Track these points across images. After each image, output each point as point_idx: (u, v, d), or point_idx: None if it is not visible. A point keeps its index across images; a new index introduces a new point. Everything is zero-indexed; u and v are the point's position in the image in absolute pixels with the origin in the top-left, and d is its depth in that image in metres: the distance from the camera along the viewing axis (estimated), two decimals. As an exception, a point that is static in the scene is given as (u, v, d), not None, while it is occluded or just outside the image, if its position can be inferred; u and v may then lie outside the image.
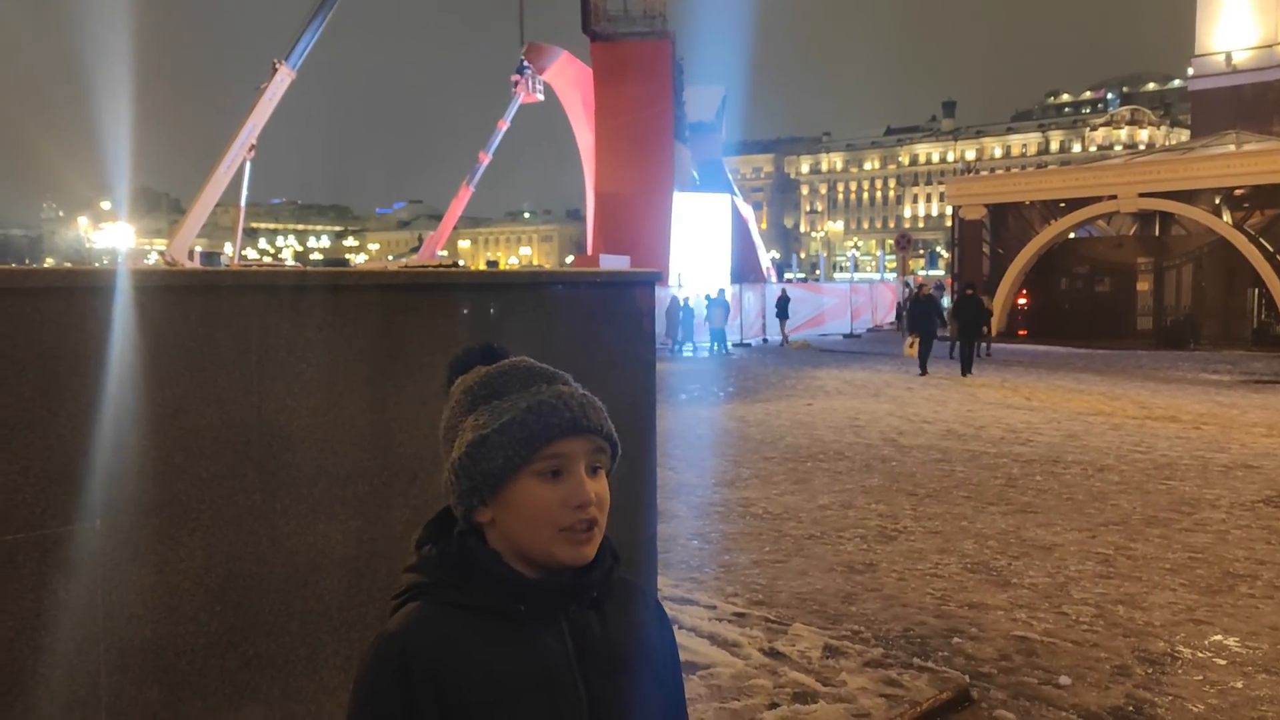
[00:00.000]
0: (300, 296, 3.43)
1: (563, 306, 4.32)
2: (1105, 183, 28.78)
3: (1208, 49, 36.39)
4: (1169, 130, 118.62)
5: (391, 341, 3.67)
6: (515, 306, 4.13)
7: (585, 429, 1.26)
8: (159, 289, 3.11)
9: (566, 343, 4.33)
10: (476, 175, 50.34)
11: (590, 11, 36.74)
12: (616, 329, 4.57)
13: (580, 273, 4.42)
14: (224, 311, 3.23)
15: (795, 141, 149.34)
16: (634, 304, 4.67)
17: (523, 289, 4.15)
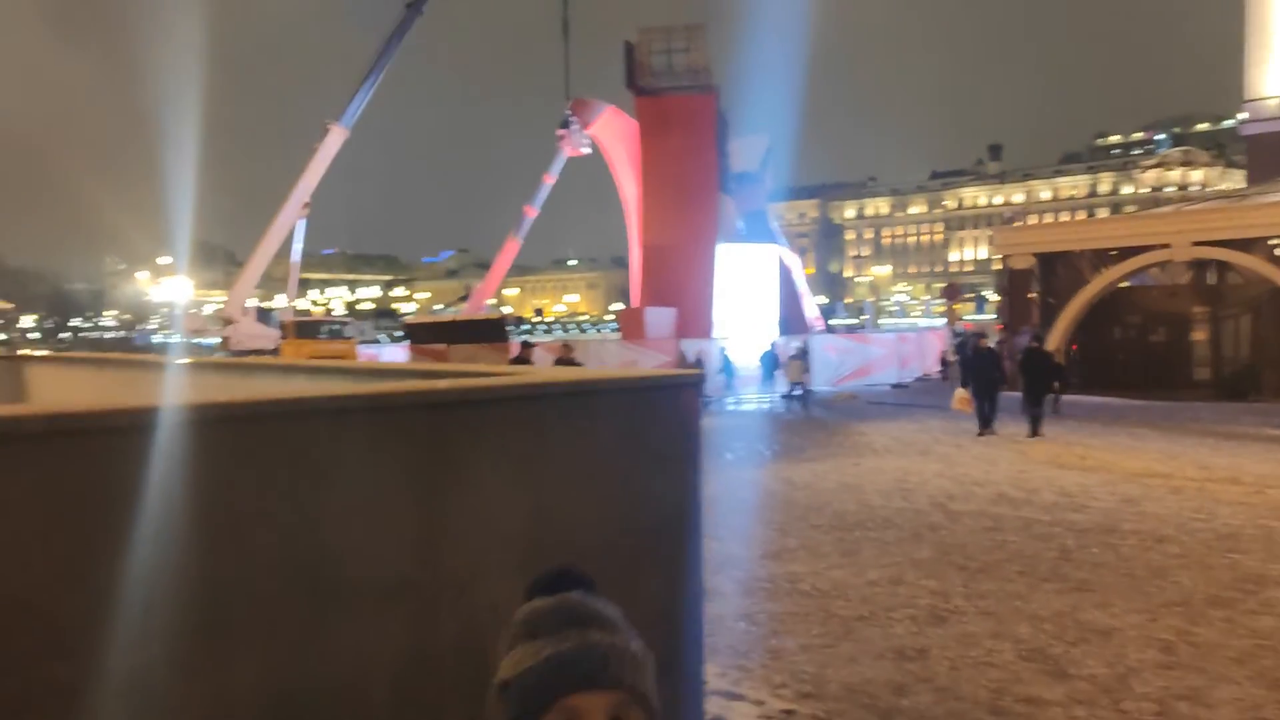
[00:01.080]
0: (354, 417, 3.48)
1: (608, 410, 4.34)
2: (1157, 231, 28.39)
3: (1259, 93, 35.94)
4: (1223, 171, 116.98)
5: (441, 456, 3.70)
6: (562, 413, 4.16)
7: (604, 684, 1.23)
8: (220, 421, 3.17)
9: (612, 446, 4.35)
10: (523, 229, 50.89)
11: (635, 67, 37.18)
12: (661, 429, 4.57)
13: (625, 377, 4.45)
14: (282, 437, 3.29)
15: (840, 187, 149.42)
16: (678, 404, 4.67)
17: (569, 397, 4.18)
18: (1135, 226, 30.69)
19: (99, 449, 2.88)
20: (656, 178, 36.87)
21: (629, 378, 4.51)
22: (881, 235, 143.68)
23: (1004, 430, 19.30)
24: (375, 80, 39.38)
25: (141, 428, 3.00)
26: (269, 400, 3.31)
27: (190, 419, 3.09)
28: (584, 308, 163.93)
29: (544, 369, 5.08)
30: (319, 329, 35.63)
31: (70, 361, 10.16)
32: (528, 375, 4.31)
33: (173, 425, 3.04)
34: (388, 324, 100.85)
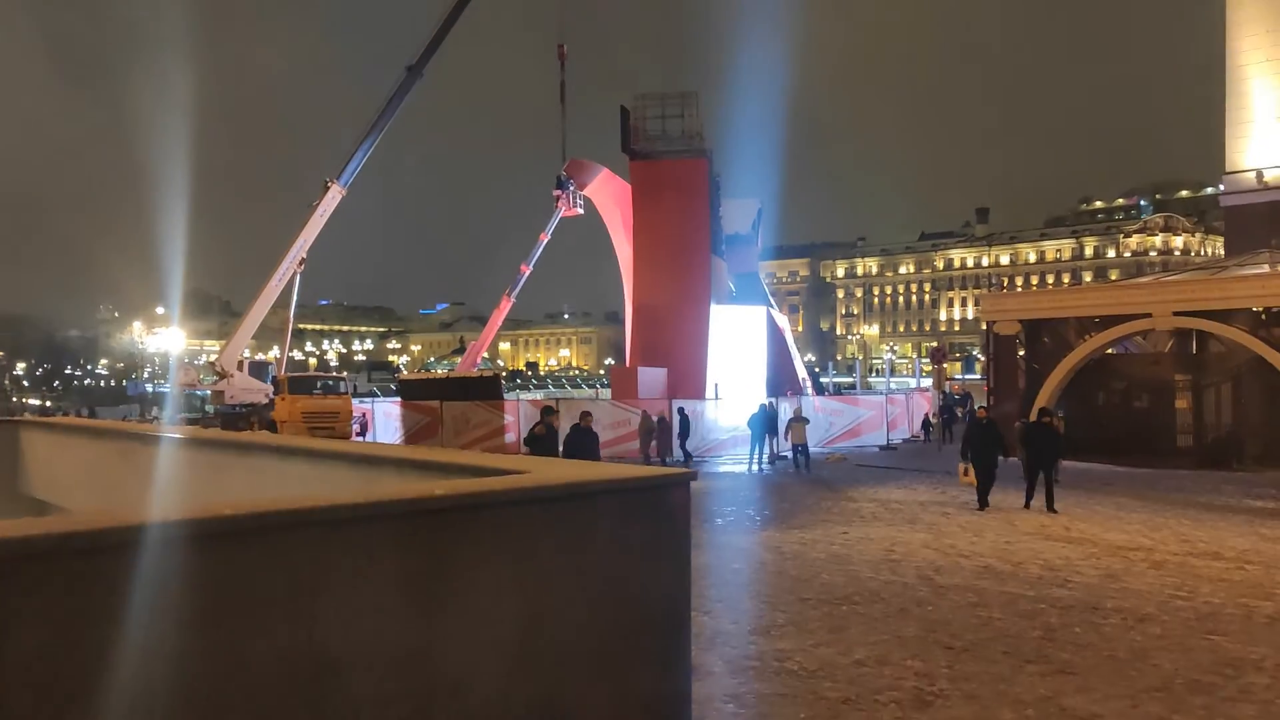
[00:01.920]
0: (353, 526, 3.62)
1: (600, 511, 4.48)
2: (1139, 301, 28.83)
3: (1238, 165, 36.70)
4: (1204, 237, 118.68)
5: (436, 562, 3.83)
6: (555, 516, 4.30)
7: None
8: (219, 535, 3.30)
9: (604, 546, 4.48)
10: (518, 286, 51.36)
11: (630, 131, 37.81)
12: (653, 528, 4.71)
13: (617, 478, 4.60)
14: (279, 548, 3.41)
15: (831, 246, 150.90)
16: (669, 503, 4.82)
17: (561, 500, 4.32)
18: (1117, 295, 31.14)
19: (98, 566, 2.99)
20: (650, 239, 37.34)
21: (621, 478, 4.64)
22: (871, 294, 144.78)
23: (1001, 502, 18.85)
24: (374, 140, 39.91)
25: (141, 543, 3.12)
26: (268, 512, 3.43)
27: (190, 533, 3.21)
28: (577, 362, 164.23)
29: (539, 465, 5.24)
30: (314, 384, 35.69)
31: (66, 430, 10.25)
32: (522, 479, 4.45)
33: (173, 540, 3.16)
34: (382, 376, 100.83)
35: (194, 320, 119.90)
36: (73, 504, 8.75)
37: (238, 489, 6.61)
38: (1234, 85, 36.85)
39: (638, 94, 38.52)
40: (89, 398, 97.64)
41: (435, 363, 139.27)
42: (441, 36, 41.30)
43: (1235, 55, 36.92)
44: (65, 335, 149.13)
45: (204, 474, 7.18)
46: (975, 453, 18.88)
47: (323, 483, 5.91)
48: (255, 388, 37.46)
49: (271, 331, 55.38)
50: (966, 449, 19.36)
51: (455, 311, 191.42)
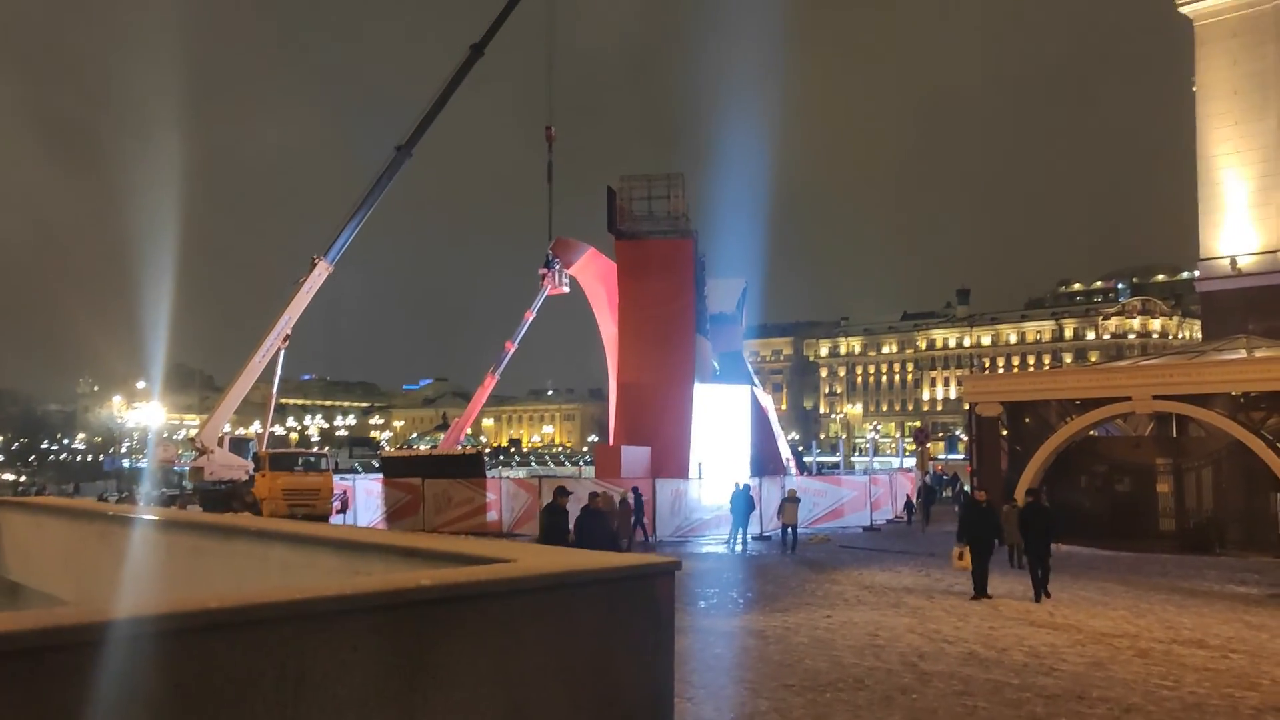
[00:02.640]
0: (339, 619, 3.62)
1: (586, 602, 4.48)
2: (1119, 384, 29.12)
3: (1213, 252, 37.42)
4: (1181, 320, 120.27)
5: (421, 652, 3.82)
6: (541, 606, 4.30)
7: None
8: (202, 629, 3.29)
9: (588, 638, 4.47)
10: (502, 364, 51.42)
11: (616, 212, 38.26)
12: (636, 619, 4.71)
13: (601, 568, 4.61)
14: (264, 641, 3.41)
15: (814, 325, 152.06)
16: (654, 594, 4.82)
17: (546, 591, 4.32)
18: (1097, 379, 31.46)
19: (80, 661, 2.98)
20: (635, 318, 37.54)
21: (605, 568, 4.66)
22: (854, 373, 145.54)
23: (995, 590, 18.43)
24: (362, 218, 40.27)
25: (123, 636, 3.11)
26: (254, 605, 3.43)
27: (174, 627, 3.21)
28: (561, 439, 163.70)
29: (525, 553, 5.24)
30: (295, 460, 35.43)
31: (43, 511, 10.16)
32: (508, 568, 4.46)
33: (155, 633, 3.15)
34: (363, 452, 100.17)
35: (175, 395, 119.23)
36: (49, 588, 8.65)
37: (218, 575, 6.56)
38: (1205, 175, 37.77)
39: (624, 175, 39.07)
40: (66, 473, 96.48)
41: (418, 439, 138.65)
42: (432, 117, 41.96)
43: (1206, 146, 37.91)
44: (44, 409, 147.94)
45: (184, 559, 7.13)
46: (971, 536, 18.19)
47: (306, 569, 5.88)
48: (235, 464, 37.15)
49: (253, 406, 55.15)
50: (962, 532, 18.63)
51: (439, 387, 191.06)
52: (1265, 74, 36.58)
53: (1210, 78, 38.04)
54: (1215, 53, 37.86)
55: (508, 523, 33.34)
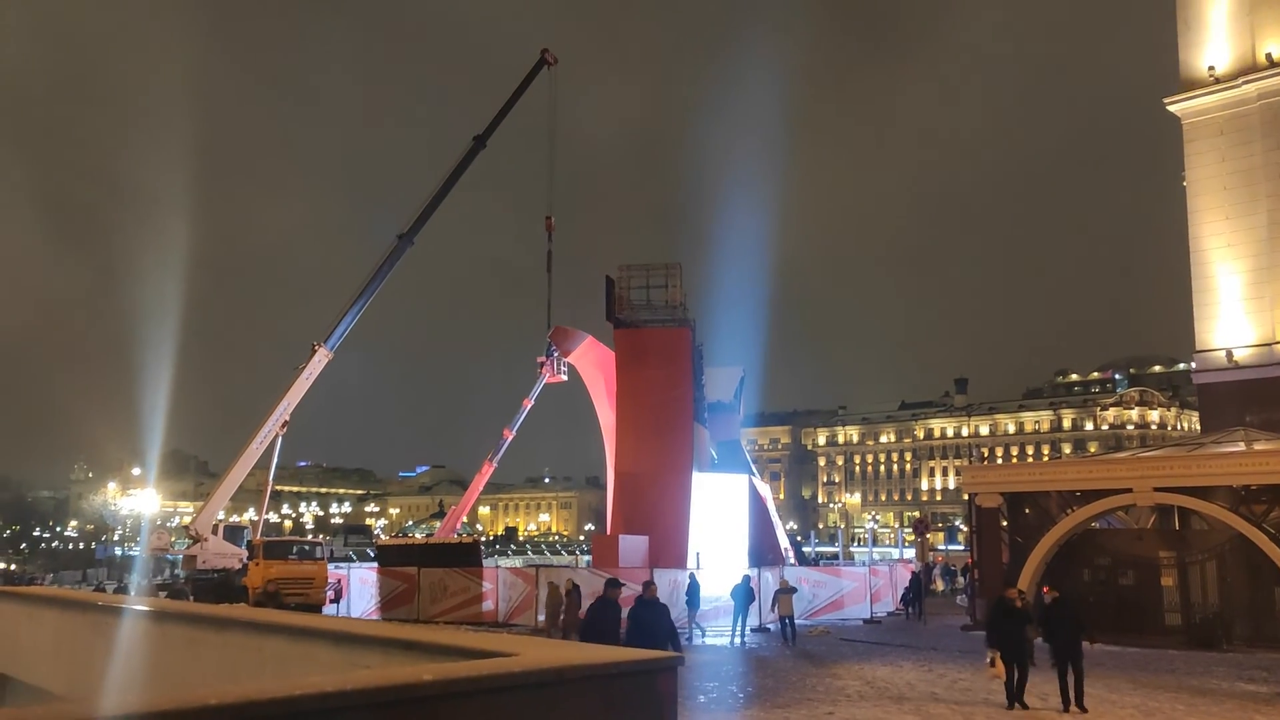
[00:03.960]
0: (339, 716, 3.56)
1: (588, 697, 4.42)
2: (1119, 476, 29.00)
3: (1208, 345, 37.66)
4: (1179, 412, 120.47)
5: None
6: (543, 701, 4.23)
7: None
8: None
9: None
10: (500, 451, 51.35)
11: (614, 301, 38.60)
12: (640, 714, 4.64)
13: (603, 662, 4.56)
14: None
15: (812, 414, 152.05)
16: (655, 689, 4.76)
17: (549, 686, 4.27)
18: (1098, 470, 31.35)
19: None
20: (632, 407, 37.58)
21: (607, 662, 4.60)
22: (853, 462, 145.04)
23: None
24: (363, 305, 40.60)
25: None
26: (255, 701, 3.38)
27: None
28: (557, 527, 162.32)
29: (527, 647, 5.20)
30: (289, 549, 35.09)
31: (32, 600, 10.03)
32: (509, 662, 4.40)
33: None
34: (358, 540, 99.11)
35: (169, 481, 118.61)
36: (37, 680, 8.49)
37: (213, 668, 6.46)
38: (1199, 268, 38.23)
39: (622, 264, 39.57)
40: (56, 560, 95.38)
41: (413, 526, 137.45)
42: (434, 206, 42.62)
43: (1198, 240, 38.45)
44: (36, 495, 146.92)
45: (178, 650, 7.03)
46: (1003, 640, 16.01)
47: (302, 662, 5.80)
48: (229, 552, 36.79)
49: (249, 494, 54.82)
50: (992, 636, 16.40)
51: (435, 474, 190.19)
52: (1253, 170, 37.29)
53: (1200, 174, 38.76)
54: (1204, 149, 38.65)
55: (504, 612, 32.87)
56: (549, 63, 46.02)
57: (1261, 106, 37.36)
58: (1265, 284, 36.59)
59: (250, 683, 5.67)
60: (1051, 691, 16.43)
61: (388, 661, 5.32)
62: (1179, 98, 39.40)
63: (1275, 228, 36.63)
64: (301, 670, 5.74)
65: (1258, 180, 37.12)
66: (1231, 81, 38.03)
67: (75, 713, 3.14)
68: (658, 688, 4.86)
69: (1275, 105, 37.06)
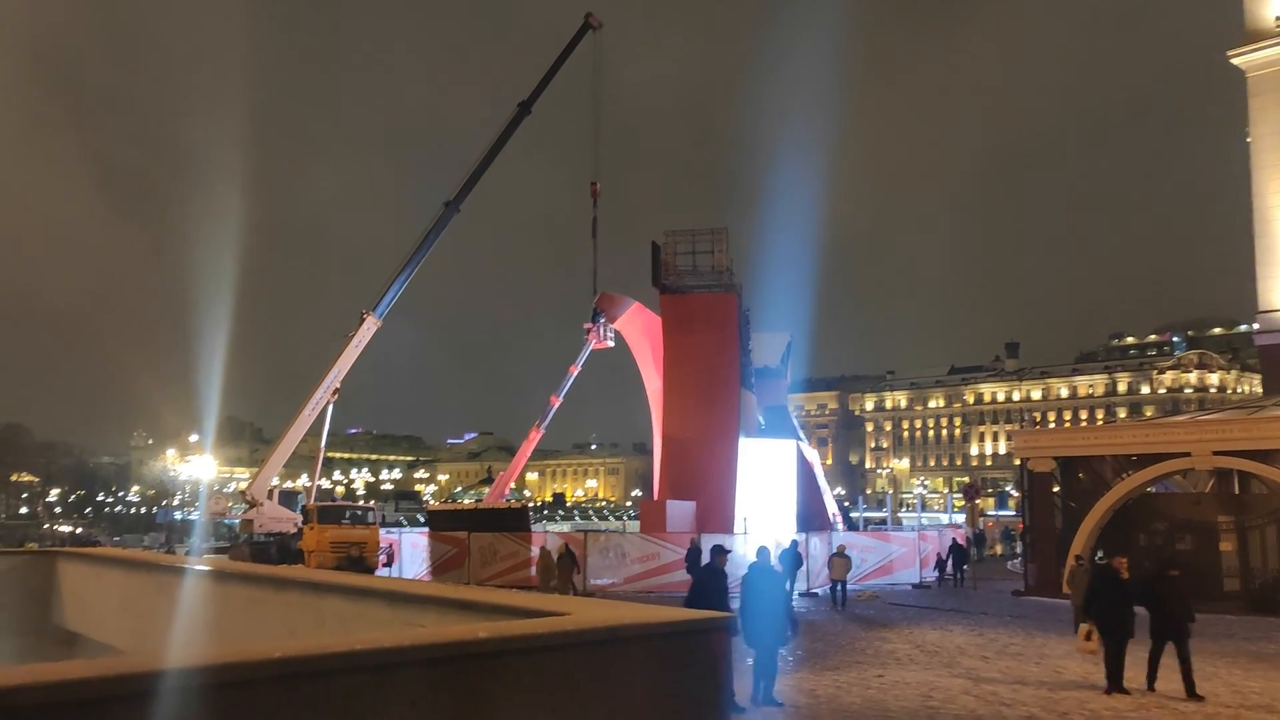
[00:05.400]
0: (399, 671, 3.58)
1: (640, 656, 4.42)
2: (1177, 440, 28.50)
3: (1271, 305, 36.75)
4: (1239, 374, 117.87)
5: (478, 705, 3.78)
6: (596, 659, 4.24)
7: None
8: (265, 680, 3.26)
9: (643, 692, 4.41)
10: (547, 418, 51.58)
11: (661, 267, 38.49)
12: (690, 676, 4.63)
13: (657, 622, 4.55)
14: (327, 694, 3.38)
15: (859, 379, 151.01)
16: (708, 650, 4.75)
17: (601, 645, 4.27)
18: (1155, 434, 30.81)
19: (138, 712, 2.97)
20: (679, 372, 37.55)
21: (660, 622, 4.60)
22: (901, 428, 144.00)
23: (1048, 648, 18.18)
24: (411, 273, 40.84)
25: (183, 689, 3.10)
26: (317, 655, 3.41)
27: (235, 678, 3.19)
28: (604, 493, 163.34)
29: (580, 606, 5.20)
30: (342, 514, 35.66)
31: (99, 561, 10.28)
32: (563, 620, 4.41)
33: (215, 685, 3.13)
34: (409, 506, 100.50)
35: (225, 448, 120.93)
36: (104, 637, 8.72)
37: (273, 626, 6.57)
38: (1262, 226, 37.23)
39: (668, 229, 39.40)
40: (119, 525, 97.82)
41: (462, 492, 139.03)
42: (480, 173, 42.63)
43: (1262, 197, 37.42)
44: (98, 461, 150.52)
45: (239, 608, 7.16)
46: (1105, 614, 14.48)
47: (359, 620, 5.88)
48: (284, 517, 37.45)
49: (301, 460, 55.71)
50: (1091, 606, 14.86)
51: (484, 441, 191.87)
52: (1322, 124, 36.16)
53: (1264, 129, 37.66)
54: (1269, 104, 37.53)
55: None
56: (594, 27, 45.67)
57: (1329, 57, 36.16)
58: (1331, 242, 35.58)
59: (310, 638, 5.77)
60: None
61: (442, 620, 5.37)
62: (1243, 50, 38.24)
63: (1344, 184, 35.53)
64: (359, 628, 5.82)
65: (1326, 134, 36.01)
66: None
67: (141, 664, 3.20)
68: (711, 647, 4.84)
69: (1343, 57, 35.84)
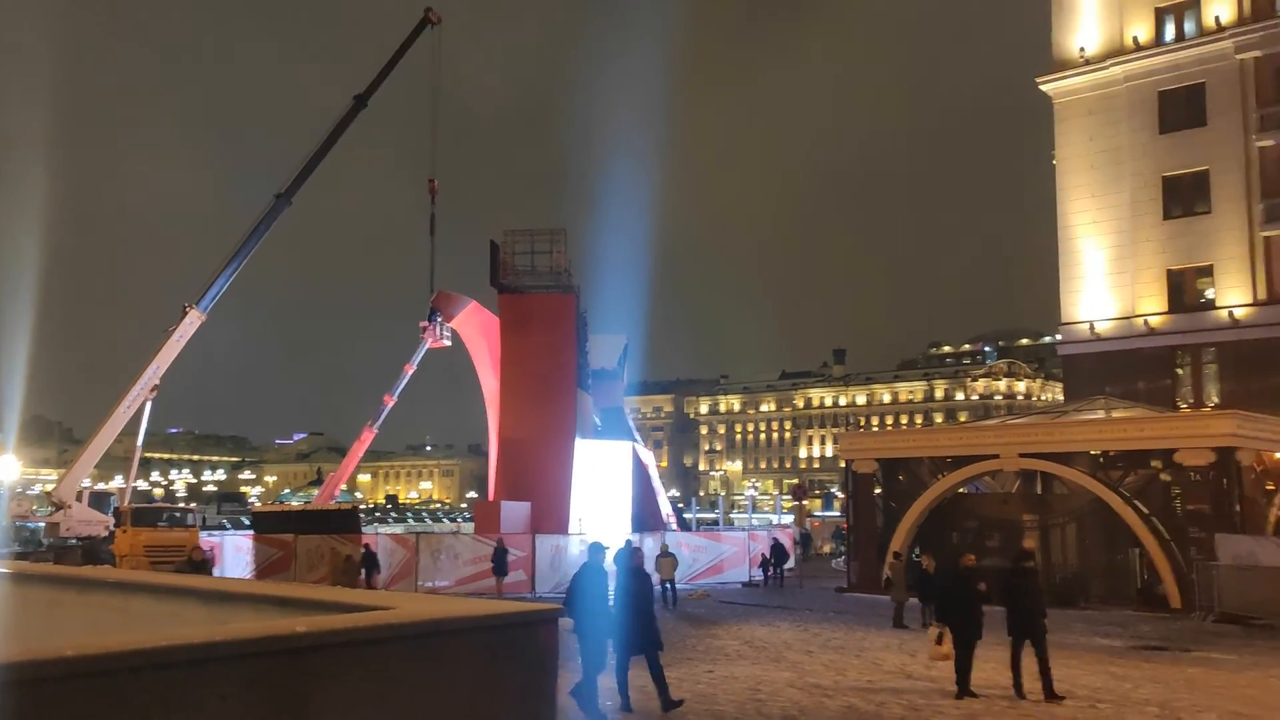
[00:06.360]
0: (206, 668, 3.42)
1: (466, 649, 4.36)
2: (987, 443, 30.20)
3: (1073, 318, 39.38)
4: (1044, 383, 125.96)
5: (297, 700, 3.65)
6: (420, 654, 4.15)
7: None
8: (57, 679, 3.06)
9: (469, 685, 4.34)
10: (380, 417, 50.44)
11: (499, 266, 38.20)
12: (519, 666, 4.60)
13: (483, 614, 4.49)
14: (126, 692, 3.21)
15: (694, 383, 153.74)
16: (536, 641, 4.73)
17: (426, 638, 4.19)
18: (967, 437, 32.57)
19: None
20: (516, 373, 37.36)
21: (487, 614, 4.55)
22: (734, 431, 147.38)
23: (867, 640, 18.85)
24: (238, 266, 39.21)
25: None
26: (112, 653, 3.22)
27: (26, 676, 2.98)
28: (439, 494, 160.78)
29: (404, 601, 5.10)
30: (159, 516, 33.85)
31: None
32: (387, 615, 4.31)
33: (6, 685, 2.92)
34: (232, 508, 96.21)
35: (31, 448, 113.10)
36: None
37: (76, 629, 6.18)
38: (1065, 244, 39.91)
39: (507, 229, 39.18)
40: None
41: (290, 494, 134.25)
42: (313, 166, 41.31)
43: (1066, 216, 40.10)
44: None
45: (38, 611, 6.70)
46: (954, 614, 14.12)
47: (171, 620, 5.59)
48: (94, 520, 35.30)
49: (116, 461, 52.67)
50: (944, 608, 14.48)
51: (314, 442, 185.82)
52: (1119, 150, 38.99)
53: (1069, 152, 40.36)
54: (1073, 129, 40.23)
55: (383, 579, 32.42)
56: (432, 22, 44.92)
57: (1128, 88, 39.02)
58: (1126, 259, 38.41)
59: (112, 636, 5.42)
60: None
61: (260, 617, 5.16)
62: (1051, 77, 40.88)
63: (1137, 206, 38.43)
64: (171, 628, 5.53)
65: (1123, 160, 38.84)
66: (1100, 63, 39.62)
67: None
68: (539, 640, 4.82)
69: (1140, 87, 38.76)
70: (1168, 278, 37.97)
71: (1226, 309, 36.38)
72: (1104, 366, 37.26)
